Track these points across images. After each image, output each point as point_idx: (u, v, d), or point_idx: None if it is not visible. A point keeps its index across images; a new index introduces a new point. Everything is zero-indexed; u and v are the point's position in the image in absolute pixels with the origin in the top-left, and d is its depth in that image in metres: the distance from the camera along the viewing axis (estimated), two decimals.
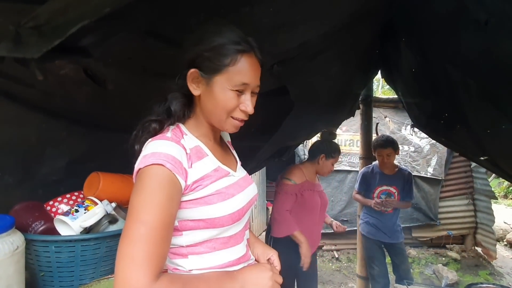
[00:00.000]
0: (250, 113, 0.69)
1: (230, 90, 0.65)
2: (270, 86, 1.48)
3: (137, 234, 0.54)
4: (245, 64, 0.65)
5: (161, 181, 0.57)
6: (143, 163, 0.59)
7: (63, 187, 1.11)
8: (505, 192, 7.65)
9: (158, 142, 0.62)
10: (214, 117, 0.69)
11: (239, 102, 0.67)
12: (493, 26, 0.96)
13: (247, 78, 0.66)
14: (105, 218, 0.93)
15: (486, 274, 3.78)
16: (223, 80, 0.65)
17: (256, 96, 0.72)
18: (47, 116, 1.00)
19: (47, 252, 0.88)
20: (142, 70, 1.01)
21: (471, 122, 1.45)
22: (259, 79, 0.70)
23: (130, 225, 0.55)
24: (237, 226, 0.72)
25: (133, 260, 0.52)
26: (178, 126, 0.70)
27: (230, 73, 0.65)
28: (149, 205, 0.56)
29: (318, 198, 1.95)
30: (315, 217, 1.94)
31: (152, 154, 0.59)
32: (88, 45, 0.68)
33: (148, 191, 0.56)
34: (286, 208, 1.83)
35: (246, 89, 0.67)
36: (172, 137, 0.65)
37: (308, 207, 1.90)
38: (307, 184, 1.92)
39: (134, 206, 0.56)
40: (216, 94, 0.66)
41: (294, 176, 1.91)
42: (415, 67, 1.61)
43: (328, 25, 1.15)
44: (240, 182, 0.75)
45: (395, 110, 4.20)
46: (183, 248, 0.67)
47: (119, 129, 0.97)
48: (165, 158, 0.58)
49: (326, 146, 1.96)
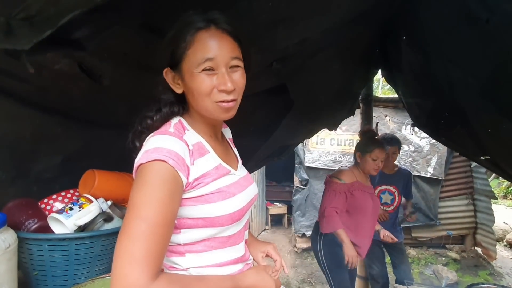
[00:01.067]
0: (229, 90, 0.62)
1: (198, 73, 0.62)
2: (270, 84, 1.46)
3: (138, 230, 0.52)
4: (202, 40, 0.61)
5: (163, 178, 0.55)
6: (145, 158, 0.57)
7: (58, 184, 1.10)
8: (505, 192, 7.64)
9: (160, 137, 0.61)
10: (200, 108, 0.65)
11: (214, 83, 0.62)
12: (494, 25, 0.94)
13: (209, 52, 0.61)
14: (100, 216, 0.92)
15: (486, 275, 3.77)
16: (188, 66, 0.62)
17: (240, 69, 0.65)
18: (42, 112, 0.99)
19: (40, 251, 0.87)
20: (139, 65, 0.99)
21: (472, 122, 1.43)
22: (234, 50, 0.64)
23: (130, 221, 0.53)
24: (236, 226, 0.70)
25: (132, 257, 0.50)
26: (180, 121, 0.68)
27: (190, 55, 0.62)
28: (150, 201, 0.54)
29: (370, 200, 1.91)
30: (367, 218, 1.90)
31: (154, 149, 0.57)
32: (81, 38, 0.66)
33: (150, 187, 0.55)
34: (332, 205, 1.82)
35: (216, 65, 0.62)
36: (175, 133, 0.63)
37: (359, 206, 1.87)
38: (358, 184, 1.88)
39: (134, 202, 0.55)
40: (188, 84, 0.63)
41: (343, 175, 1.90)
42: (415, 66, 1.59)
43: (328, 22, 1.13)
44: (241, 181, 0.73)
45: (395, 110, 4.18)
46: (181, 246, 0.65)
47: (115, 126, 0.95)
48: (168, 154, 0.57)
49: (360, 143, 1.93)
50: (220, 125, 0.76)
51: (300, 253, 4.36)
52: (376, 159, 1.85)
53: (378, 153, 1.86)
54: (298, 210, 4.38)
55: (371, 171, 1.89)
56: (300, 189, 4.39)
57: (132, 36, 0.83)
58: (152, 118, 0.67)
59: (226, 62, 0.63)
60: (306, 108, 1.65)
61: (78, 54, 0.78)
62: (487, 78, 1.14)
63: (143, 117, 0.67)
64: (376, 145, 1.87)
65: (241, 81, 0.66)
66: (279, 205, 5.50)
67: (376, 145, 1.86)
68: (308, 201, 4.32)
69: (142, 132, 0.66)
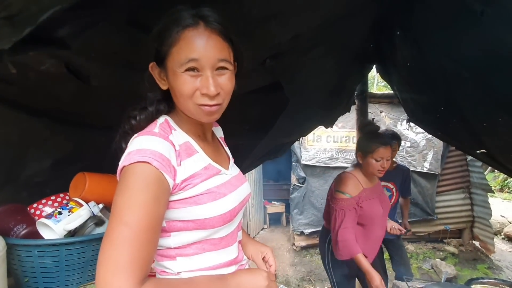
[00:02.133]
0: (212, 95, 0.59)
1: (180, 73, 0.59)
2: (264, 82, 1.45)
3: (120, 236, 0.50)
4: (188, 38, 0.58)
5: (147, 180, 0.53)
6: (128, 160, 0.54)
7: (48, 188, 1.07)
8: (501, 185, 7.71)
9: (144, 137, 0.58)
10: (184, 109, 0.63)
11: (197, 85, 0.59)
12: (488, 17, 0.93)
13: (194, 52, 0.58)
14: (91, 220, 0.89)
15: (485, 268, 3.79)
16: (172, 64, 0.60)
17: (228, 72, 0.62)
18: (29, 115, 0.96)
19: (30, 257, 0.84)
20: (129, 65, 0.96)
21: (467, 115, 1.43)
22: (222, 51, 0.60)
23: (113, 227, 0.51)
24: (228, 227, 0.68)
25: (115, 265, 0.48)
26: (166, 120, 0.65)
27: (175, 54, 0.59)
28: (133, 205, 0.52)
29: (379, 205, 1.67)
30: (377, 223, 1.69)
31: (137, 151, 0.55)
32: (65, 36, 0.64)
33: (133, 191, 0.52)
34: (344, 226, 1.58)
35: (201, 66, 0.59)
36: (160, 133, 0.60)
37: (369, 216, 1.64)
38: (365, 193, 1.63)
39: (117, 207, 0.52)
40: (171, 82, 0.61)
41: (347, 187, 1.62)
42: (410, 61, 1.58)
43: (320, 17, 1.11)
44: (232, 181, 0.71)
45: (390, 106, 4.19)
46: (171, 250, 0.63)
47: (106, 127, 0.92)
48: (152, 155, 0.54)
49: (360, 141, 1.67)
50: (209, 125, 0.73)
51: (299, 251, 4.36)
52: (380, 160, 1.57)
53: (383, 152, 1.57)
54: (296, 208, 4.37)
55: (375, 173, 1.62)
56: (298, 187, 4.38)
57: (120, 34, 0.81)
58: (135, 118, 0.65)
59: (212, 64, 0.59)
60: (301, 106, 1.64)
61: (62, 53, 0.75)
62: (482, 71, 1.13)
63: (127, 117, 0.65)
64: (378, 142, 1.58)
65: (227, 85, 0.62)
66: (277, 204, 5.49)
67: (379, 143, 1.58)
68: (306, 199, 4.32)
69: (127, 132, 0.63)
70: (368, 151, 1.59)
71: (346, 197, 1.60)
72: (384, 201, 1.74)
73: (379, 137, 1.63)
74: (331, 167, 4.27)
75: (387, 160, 1.59)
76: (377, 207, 1.66)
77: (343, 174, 1.73)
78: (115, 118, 0.70)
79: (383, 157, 1.57)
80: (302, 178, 4.35)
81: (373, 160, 1.58)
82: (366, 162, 1.62)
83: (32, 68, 0.84)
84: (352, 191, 1.61)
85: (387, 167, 1.61)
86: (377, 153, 1.57)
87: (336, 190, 1.66)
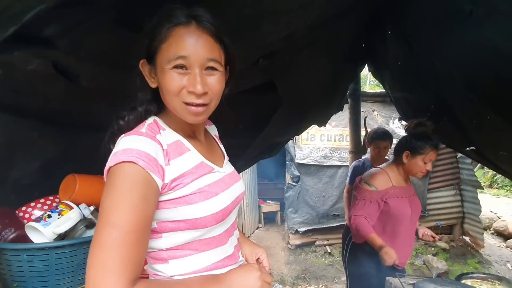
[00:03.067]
0: (199, 93, 0.58)
1: (168, 70, 0.58)
2: (257, 81, 1.44)
3: (109, 238, 0.49)
4: (178, 36, 0.58)
5: (133, 180, 0.52)
6: (114, 160, 0.53)
7: (37, 191, 1.05)
8: (490, 181, 7.89)
9: (130, 137, 0.57)
10: (171, 107, 0.62)
11: (184, 83, 0.58)
12: (478, 18, 0.95)
13: (183, 49, 0.57)
14: (82, 223, 0.88)
15: (475, 263, 3.88)
16: (160, 61, 0.59)
17: (218, 73, 0.61)
18: (16, 116, 0.94)
19: (19, 261, 0.82)
20: (119, 65, 0.95)
21: (457, 113, 1.45)
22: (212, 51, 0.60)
23: (100, 229, 0.50)
24: (221, 226, 0.67)
25: (104, 267, 0.48)
26: (155, 120, 0.64)
27: (164, 50, 0.59)
28: (120, 206, 0.51)
29: (408, 206, 1.62)
30: (405, 226, 1.62)
31: (123, 151, 0.54)
32: (51, 35, 0.62)
33: (119, 192, 0.51)
34: (360, 213, 1.59)
35: (189, 64, 0.58)
36: (147, 133, 0.59)
37: (395, 215, 1.59)
38: (393, 190, 1.60)
39: (104, 208, 0.51)
40: (159, 79, 0.60)
41: (375, 180, 1.61)
42: (401, 60, 1.60)
43: (313, 17, 1.11)
44: (225, 179, 0.70)
45: (382, 104, 4.23)
46: (163, 252, 0.62)
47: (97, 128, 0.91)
48: (137, 155, 0.53)
49: (411, 141, 1.61)
50: (200, 124, 0.72)
51: (293, 250, 4.38)
52: (429, 162, 1.55)
53: (433, 155, 1.54)
54: (291, 207, 4.39)
55: (418, 175, 1.60)
56: (292, 186, 4.40)
57: (109, 34, 0.79)
58: (124, 119, 0.64)
59: (201, 62, 0.59)
60: (294, 105, 1.64)
61: (50, 52, 0.73)
62: (471, 71, 1.15)
63: (116, 117, 0.64)
64: (432, 146, 1.55)
65: (216, 86, 0.61)
66: (271, 203, 5.50)
67: (432, 146, 1.54)
68: (300, 197, 4.34)
69: (115, 133, 0.62)
70: (420, 152, 1.55)
71: (371, 189, 1.60)
72: (415, 203, 1.69)
73: (432, 139, 1.58)
74: (325, 165, 4.30)
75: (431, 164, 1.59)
76: (406, 207, 1.61)
77: (375, 169, 1.71)
78: (105, 118, 0.69)
79: (432, 159, 1.56)
80: (296, 177, 4.36)
81: (422, 162, 1.55)
82: (413, 162, 1.57)
83: (19, 68, 0.82)
84: (379, 185, 1.60)
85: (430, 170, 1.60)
86: (429, 155, 1.54)
87: (363, 182, 1.65)
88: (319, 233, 4.35)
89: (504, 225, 4.88)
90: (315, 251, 4.31)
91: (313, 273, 3.76)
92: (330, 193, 4.31)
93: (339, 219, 4.23)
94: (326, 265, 3.97)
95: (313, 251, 4.33)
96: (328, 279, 3.62)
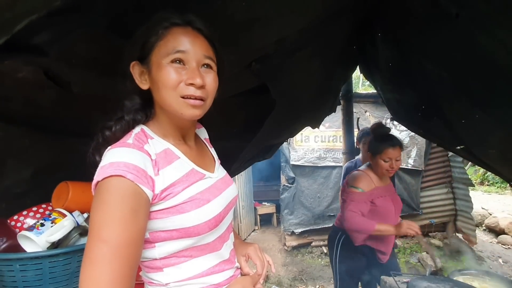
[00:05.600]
0: (199, 85, 0.59)
1: (166, 64, 0.59)
2: (250, 84, 1.45)
3: (100, 254, 0.49)
4: (176, 34, 0.60)
5: (122, 194, 0.51)
6: (101, 175, 0.52)
7: (29, 199, 1.03)
8: (481, 179, 8.03)
9: (117, 150, 0.56)
10: (166, 104, 0.61)
11: (182, 77, 0.59)
12: (464, 20, 0.97)
13: (181, 44, 0.59)
14: (75, 231, 0.87)
15: (468, 259, 3.93)
16: (157, 57, 0.60)
17: (213, 72, 0.64)
18: (6, 124, 0.92)
19: (11, 271, 0.81)
20: (111, 71, 0.94)
21: (447, 113, 1.48)
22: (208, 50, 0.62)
23: (91, 245, 0.50)
24: (215, 232, 0.67)
25: (96, 283, 0.47)
26: (142, 130, 0.64)
27: (161, 46, 0.60)
28: (110, 221, 0.50)
29: (391, 203, 1.73)
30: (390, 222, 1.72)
31: (110, 164, 0.53)
32: (42, 43, 0.62)
33: (109, 206, 0.51)
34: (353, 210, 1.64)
35: (186, 59, 0.60)
36: (134, 143, 0.58)
37: (381, 213, 1.69)
38: (377, 190, 1.70)
39: (94, 223, 0.51)
40: (155, 76, 0.60)
41: (360, 183, 1.70)
42: (391, 62, 1.63)
43: (304, 21, 1.13)
44: (217, 185, 0.70)
45: (375, 105, 4.29)
46: (157, 261, 0.62)
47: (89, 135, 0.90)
48: (125, 168, 0.52)
49: (371, 143, 1.73)
50: (191, 128, 0.72)
51: (290, 251, 4.38)
52: (389, 160, 1.64)
53: (391, 153, 1.63)
54: (287, 209, 4.40)
55: (384, 173, 1.68)
56: (287, 188, 4.41)
57: (100, 41, 0.79)
58: (110, 129, 0.63)
59: (198, 59, 0.61)
60: (288, 107, 1.65)
61: (41, 60, 0.73)
62: (459, 71, 1.18)
63: (102, 127, 0.63)
64: (387, 144, 1.64)
65: (212, 83, 0.63)
66: (267, 205, 5.51)
67: (387, 144, 1.64)
68: (295, 199, 4.35)
69: (101, 144, 0.61)
70: (378, 151, 1.65)
71: (359, 191, 1.67)
72: (396, 200, 1.79)
73: (388, 139, 1.68)
74: (320, 166, 4.33)
75: (396, 161, 1.65)
76: (390, 205, 1.71)
77: (357, 172, 1.79)
78: (97, 125, 0.68)
79: (392, 157, 1.63)
80: (292, 178, 4.38)
81: (381, 160, 1.65)
82: (375, 162, 1.69)
83: (8, 75, 0.81)
84: (364, 186, 1.67)
85: (396, 168, 1.66)
86: (386, 153, 1.63)
87: (349, 186, 1.73)
88: (315, 234, 4.37)
89: (495, 221, 4.98)
90: (311, 252, 4.33)
91: (310, 274, 3.77)
92: (325, 193, 4.34)
93: (334, 220, 4.25)
94: (322, 266, 3.98)
95: (309, 252, 4.34)
96: (325, 280, 3.63)
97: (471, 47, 1.03)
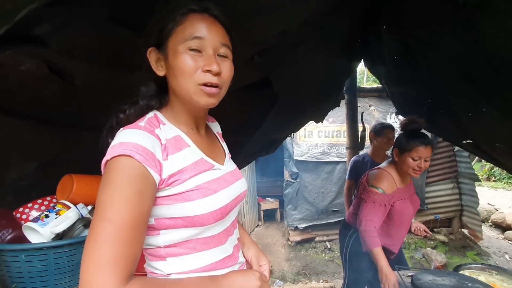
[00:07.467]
0: (215, 72, 0.59)
1: (183, 51, 0.59)
2: (253, 78, 1.44)
3: (103, 233, 0.49)
4: (194, 20, 0.60)
5: (129, 175, 0.52)
6: (110, 154, 0.53)
7: (34, 192, 1.04)
8: (488, 174, 7.94)
9: (128, 131, 0.57)
10: (180, 90, 0.62)
11: (199, 65, 0.59)
12: (471, 9, 0.95)
13: (198, 31, 0.59)
14: (79, 222, 0.88)
15: (474, 255, 3.91)
16: (174, 43, 0.60)
17: (229, 60, 0.64)
18: (11, 117, 0.93)
19: (17, 262, 0.82)
20: (113, 63, 0.95)
21: (453, 107, 1.46)
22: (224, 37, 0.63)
23: (95, 224, 0.50)
24: (220, 225, 0.67)
25: (98, 263, 0.47)
26: (155, 115, 0.64)
27: (179, 32, 0.60)
28: (116, 201, 0.50)
29: (410, 206, 1.65)
30: (405, 223, 1.68)
31: (120, 144, 0.53)
32: (43, 33, 0.62)
33: (115, 186, 0.51)
34: (368, 218, 1.57)
35: (203, 46, 0.60)
36: (146, 127, 0.59)
37: (398, 216, 1.62)
38: (399, 192, 1.61)
39: (100, 203, 0.51)
40: (172, 62, 0.60)
41: (382, 183, 1.60)
42: (396, 55, 1.60)
43: (306, 13, 1.11)
44: (226, 177, 0.69)
45: (379, 99, 4.24)
46: (161, 249, 0.62)
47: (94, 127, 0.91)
48: (134, 148, 0.53)
49: (399, 138, 1.61)
50: (202, 117, 0.72)
51: (293, 246, 4.40)
52: (418, 159, 1.52)
53: (421, 152, 1.51)
54: (290, 204, 4.40)
55: (410, 173, 1.57)
56: (291, 183, 4.41)
57: (102, 32, 0.79)
58: (124, 112, 0.63)
59: (215, 46, 0.61)
60: (291, 101, 1.64)
61: (43, 52, 0.73)
62: (466, 63, 1.15)
63: (117, 110, 0.64)
64: (419, 141, 1.52)
65: (227, 72, 0.63)
66: (271, 200, 5.52)
67: (419, 142, 1.52)
68: (299, 194, 4.35)
69: (114, 128, 0.62)
70: (407, 148, 1.54)
71: (380, 192, 1.59)
72: (415, 201, 1.72)
73: (420, 136, 1.56)
74: (323, 161, 4.32)
75: (425, 161, 1.53)
76: (409, 208, 1.64)
77: (379, 170, 1.70)
78: (101, 118, 0.69)
79: (422, 156, 1.52)
80: (295, 174, 4.37)
81: (410, 158, 1.53)
82: (402, 160, 1.57)
83: (12, 69, 0.82)
84: (387, 188, 1.60)
85: (424, 168, 1.55)
86: (416, 152, 1.52)
87: (371, 185, 1.65)
88: (319, 229, 4.38)
89: (502, 217, 4.93)
90: (315, 247, 4.34)
91: (314, 269, 3.78)
92: (328, 189, 4.33)
93: (338, 215, 4.25)
94: (326, 261, 3.99)
95: (313, 247, 4.35)
96: (329, 275, 3.64)
97: (478, 38, 1.01)
